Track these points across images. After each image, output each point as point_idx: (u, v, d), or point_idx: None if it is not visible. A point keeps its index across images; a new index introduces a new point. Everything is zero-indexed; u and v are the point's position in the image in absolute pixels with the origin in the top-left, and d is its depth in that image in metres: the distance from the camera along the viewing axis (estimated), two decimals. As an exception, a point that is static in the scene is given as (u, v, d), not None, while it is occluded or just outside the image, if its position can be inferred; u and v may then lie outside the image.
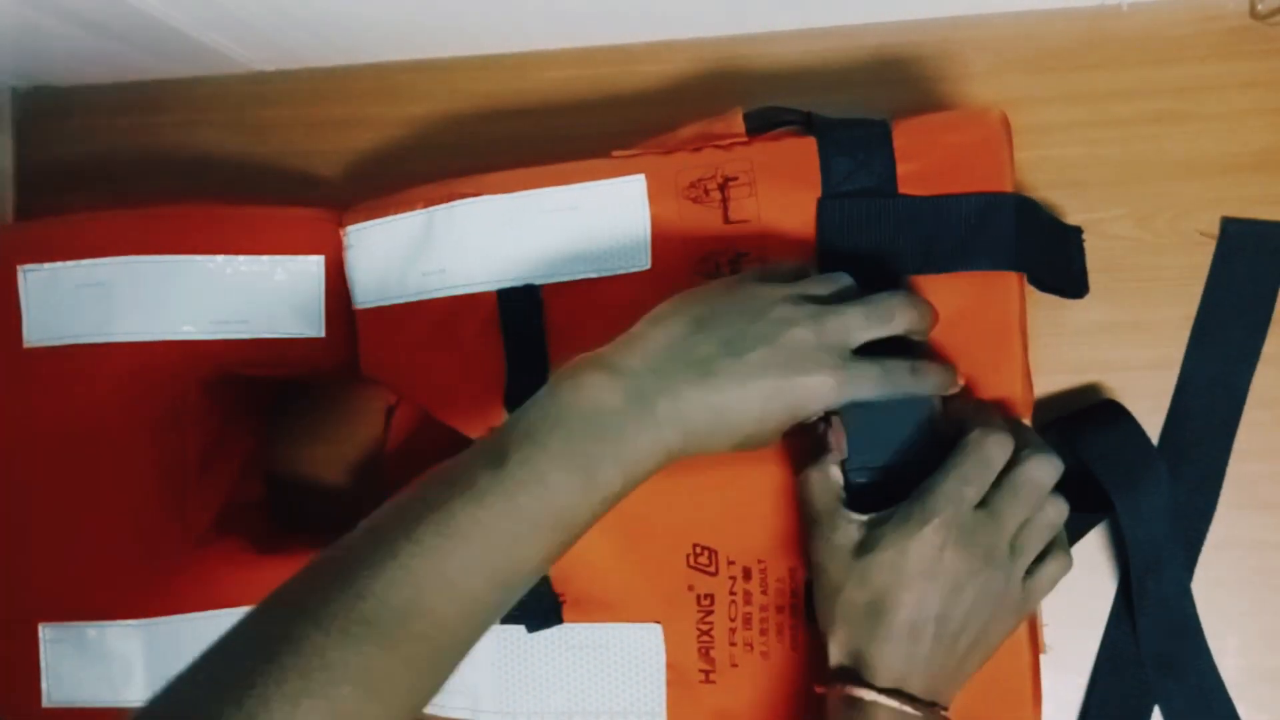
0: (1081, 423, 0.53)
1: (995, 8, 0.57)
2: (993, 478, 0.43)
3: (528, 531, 0.38)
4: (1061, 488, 0.45)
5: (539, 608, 0.50)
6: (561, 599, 0.51)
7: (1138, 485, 0.51)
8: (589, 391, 0.40)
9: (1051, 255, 0.52)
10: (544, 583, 0.50)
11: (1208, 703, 0.52)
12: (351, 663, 0.35)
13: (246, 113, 0.65)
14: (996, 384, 0.48)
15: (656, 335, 0.42)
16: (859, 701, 0.42)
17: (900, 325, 0.45)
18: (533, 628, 0.51)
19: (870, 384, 0.43)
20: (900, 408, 0.45)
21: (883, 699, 0.41)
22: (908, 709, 0.41)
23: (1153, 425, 0.55)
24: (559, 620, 0.50)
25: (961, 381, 0.46)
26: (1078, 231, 0.54)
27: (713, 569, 0.49)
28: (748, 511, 0.49)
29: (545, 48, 0.62)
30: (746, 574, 0.49)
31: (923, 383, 0.45)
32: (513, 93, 0.63)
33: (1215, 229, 0.56)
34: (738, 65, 0.60)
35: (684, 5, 0.57)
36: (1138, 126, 0.56)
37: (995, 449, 0.43)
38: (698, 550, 0.49)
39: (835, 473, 0.45)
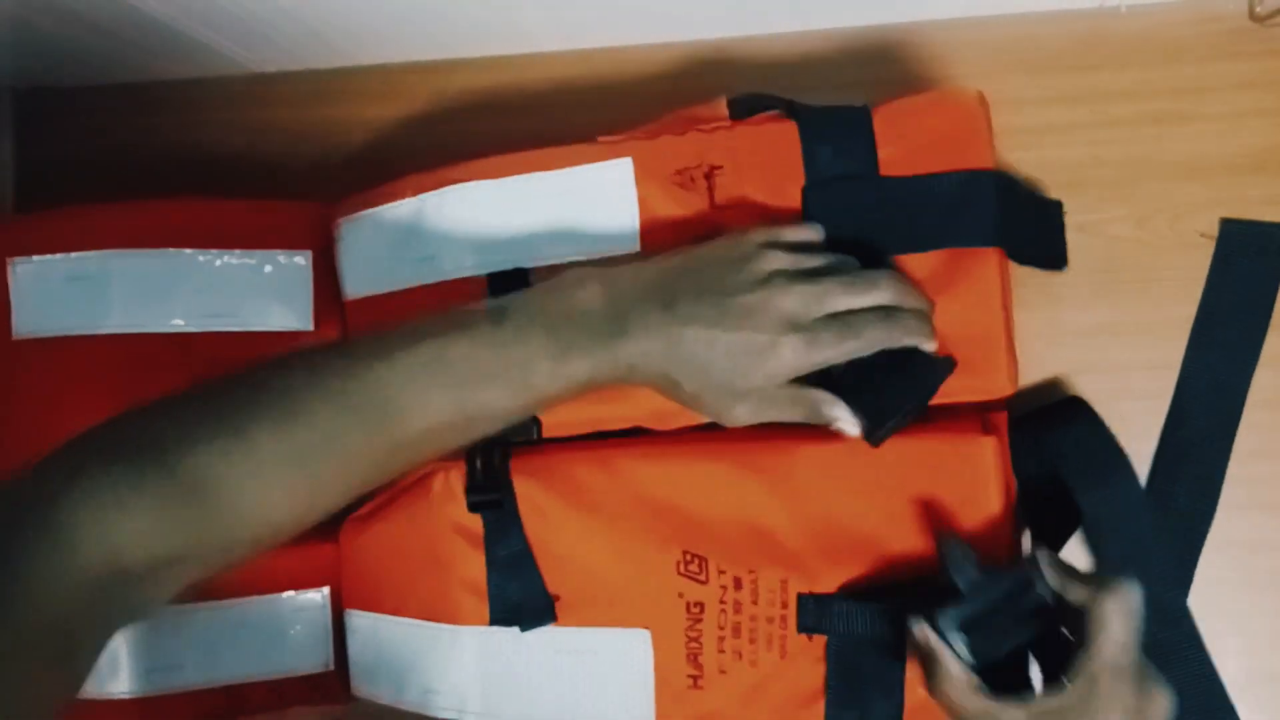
0: (1046, 424, 0.53)
1: (995, 9, 0.58)
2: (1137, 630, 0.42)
3: (501, 381, 0.44)
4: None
5: (534, 606, 0.50)
6: (556, 599, 0.50)
7: (1105, 484, 0.51)
8: (584, 292, 0.45)
9: (1032, 229, 0.52)
10: (538, 583, 0.50)
11: (1203, 691, 0.52)
12: (334, 433, 0.41)
13: (246, 113, 0.65)
14: (981, 358, 0.48)
15: (651, 268, 0.46)
16: None
17: (885, 295, 0.45)
18: (526, 626, 0.50)
19: (833, 344, 0.44)
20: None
21: None
22: None
23: (1153, 425, 0.55)
24: (553, 619, 0.50)
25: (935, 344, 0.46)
26: (1058, 205, 0.55)
27: (703, 577, 0.49)
28: (740, 521, 0.49)
29: (544, 49, 0.62)
30: (737, 583, 0.49)
31: (896, 330, 0.45)
32: (512, 94, 0.63)
33: (1215, 230, 0.56)
34: (737, 67, 0.61)
35: (683, 8, 0.57)
36: (1137, 127, 0.57)
37: (1134, 606, 0.42)
38: (688, 557, 0.49)
39: (959, 670, 0.43)
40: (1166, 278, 0.56)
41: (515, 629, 0.50)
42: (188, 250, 0.55)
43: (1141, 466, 0.55)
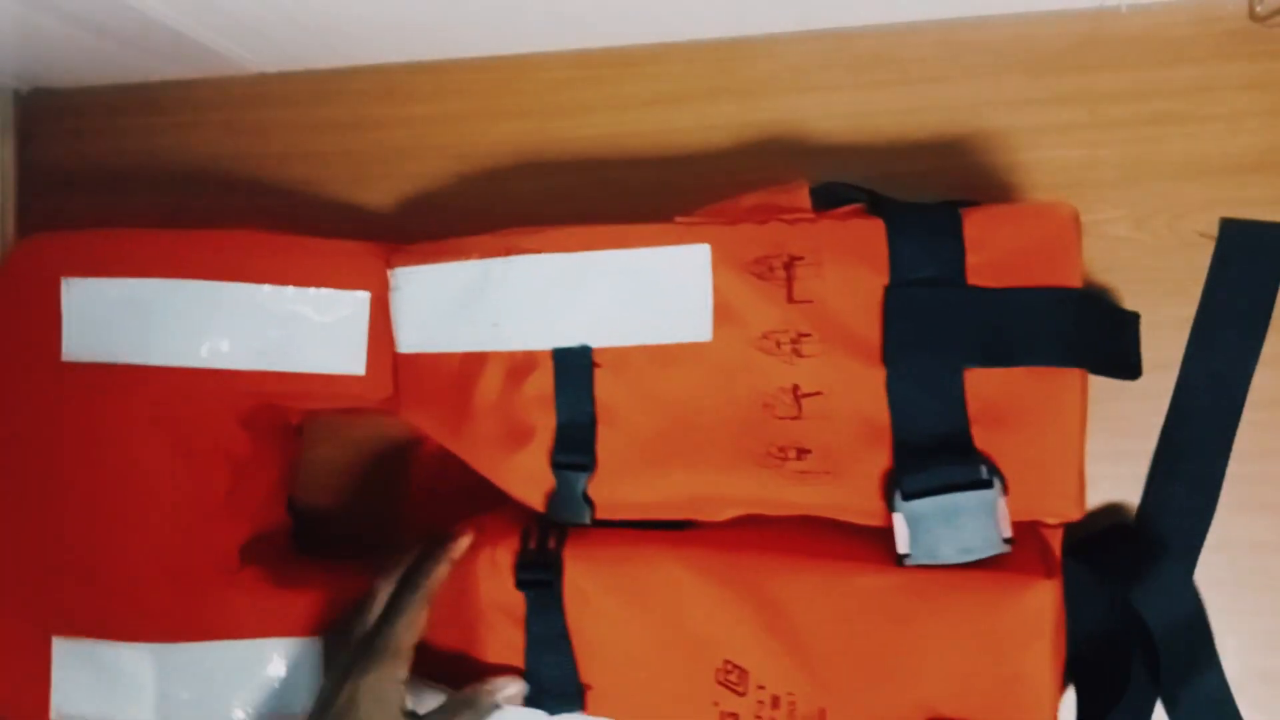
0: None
1: (994, 9, 0.58)
2: None
3: None
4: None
5: (563, 692, 0.49)
6: (588, 688, 0.49)
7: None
8: None
9: (1111, 345, 0.51)
10: (570, 668, 0.49)
11: None
12: None
13: (247, 114, 0.65)
14: (1050, 481, 0.46)
15: None
16: None
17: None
18: (553, 710, 0.50)
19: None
20: None
21: None
22: None
23: (1153, 425, 0.55)
24: (581, 707, 0.49)
25: None
26: (1135, 317, 0.53)
27: (741, 689, 0.47)
28: (787, 640, 0.47)
29: (545, 49, 0.62)
30: (775, 702, 0.47)
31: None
32: (512, 94, 0.63)
33: (1214, 230, 0.56)
34: (737, 67, 0.60)
35: (683, 8, 0.57)
36: (1136, 128, 0.56)
37: None
38: (728, 667, 0.48)
39: None
40: (1166, 278, 0.56)
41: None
42: (244, 284, 0.53)
43: (1141, 466, 0.55)
